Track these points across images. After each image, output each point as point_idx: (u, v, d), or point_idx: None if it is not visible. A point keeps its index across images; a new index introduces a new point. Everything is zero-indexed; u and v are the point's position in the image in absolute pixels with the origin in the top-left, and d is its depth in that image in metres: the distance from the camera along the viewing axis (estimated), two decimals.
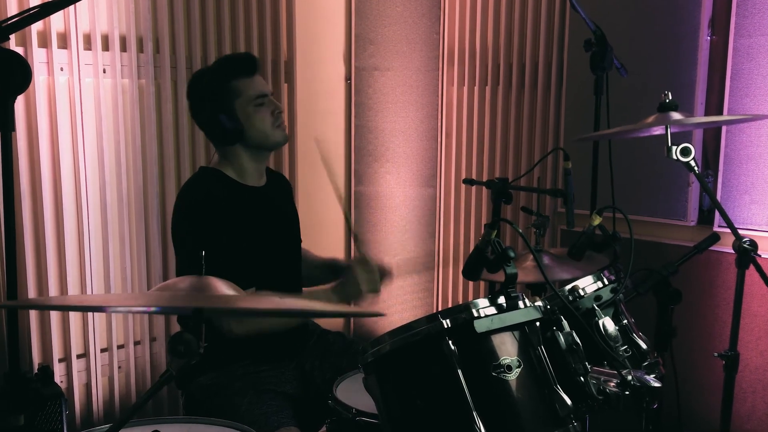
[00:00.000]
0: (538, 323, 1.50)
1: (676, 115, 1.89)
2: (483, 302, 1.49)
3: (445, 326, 1.46)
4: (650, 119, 1.93)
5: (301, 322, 2.30)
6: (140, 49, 2.96)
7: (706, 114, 2.86)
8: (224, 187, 2.19)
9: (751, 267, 1.87)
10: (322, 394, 2.04)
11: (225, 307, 1.32)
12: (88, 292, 2.85)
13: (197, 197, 2.15)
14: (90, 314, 2.86)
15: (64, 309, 2.55)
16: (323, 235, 3.67)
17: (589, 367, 1.49)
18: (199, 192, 2.17)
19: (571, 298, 1.72)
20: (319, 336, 2.38)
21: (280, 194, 2.39)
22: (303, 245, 2.45)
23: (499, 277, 1.55)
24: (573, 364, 1.48)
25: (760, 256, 1.89)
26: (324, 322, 2.48)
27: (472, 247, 2.40)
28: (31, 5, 2.55)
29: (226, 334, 2.05)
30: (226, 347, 2.09)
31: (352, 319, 3.71)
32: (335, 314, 1.61)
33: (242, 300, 1.30)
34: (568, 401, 1.44)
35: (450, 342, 1.44)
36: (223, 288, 1.33)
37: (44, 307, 2.11)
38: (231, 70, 2.21)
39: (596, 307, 1.71)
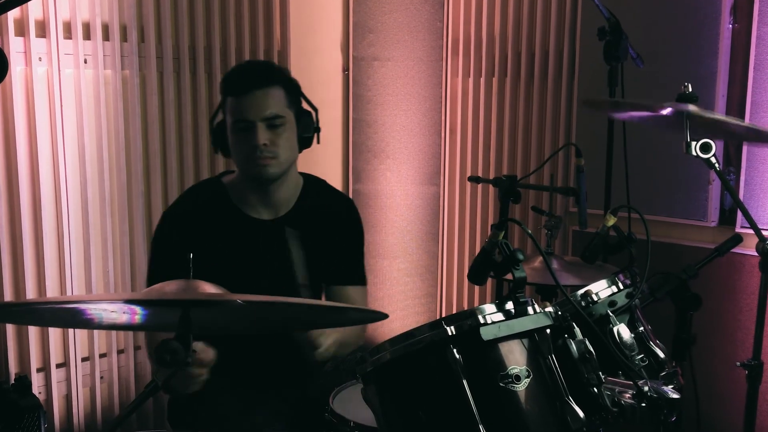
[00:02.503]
0: (548, 330, 1.50)
1: (695, 108, 1.89)
2: (490, 308, 1.49)
3: (450, 333, 1.45)
4: (667, 110, 1.92)
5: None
6: (124, 38, 2.96)
7: (728, 107, 2.86)
8: (216, 209, 2.12)
9: None
10: (318, 405, 2.04)
11: (217, 299, 1.30)
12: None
13: (176, 209, 2.16)
14: None
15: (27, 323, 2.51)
16: None
17: (602, 377, 1.49)
18: (184, 204, 2.17)
19: (583, 303, 1.72)
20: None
21: (304, 231, 2.07)
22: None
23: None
24: (586, 374, 1.48)
25: None
26: None
27: (478, 250, 2.40)
28: None
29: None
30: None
31: None
32: (338, 310, 1.58)
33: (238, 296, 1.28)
34: (581, 414, 1.44)
35: (455, 350, 1.44)
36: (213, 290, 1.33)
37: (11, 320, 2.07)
38: (225, 84, 2.09)
39: (610, 314, 1.71)
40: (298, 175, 2.24)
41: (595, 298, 1.73)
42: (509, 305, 1.50)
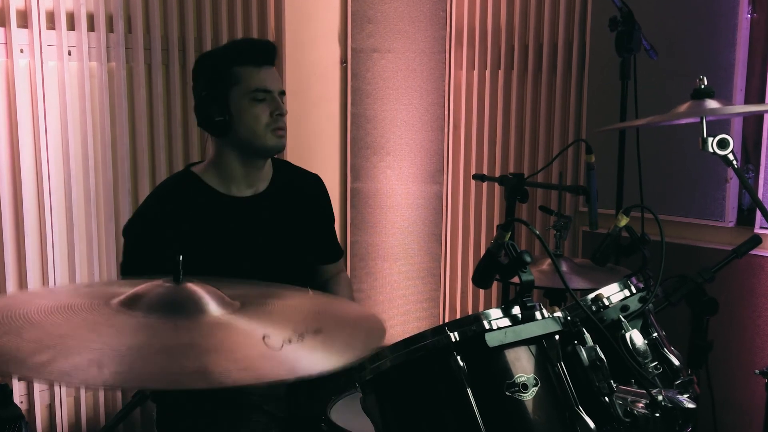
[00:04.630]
0: (557, 337, 1.50)
1: (712, 103, 1.89)
2: (495, 313, 1.49)
3: (453, 340, 1.45)
4: (683, 108, 1.93)
5: None
6: (110, 28, 2.96)
7: (746, 101, 2.86)
8: (192, 195, 2.19)
9: None
10: (315, 415, 2.04)
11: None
12: None
13: (151, 203, 2.20)
14: None
15: None
16: None
17: (614, 385, 1.49)
18: (157, 197, 2.21)
19: (594, 308, 1.72)
20: None
21: (283, 204, 2.29)
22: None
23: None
24: (596, 382, 1.48)
25: None
26: None
27: (482, 252, 2.40)
28: None
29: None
30: None
31: None
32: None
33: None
34: (591, 424, 1.44)
35: (458, 357, 1.44)
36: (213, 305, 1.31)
37: None
38: (237, 55, 2.19)
39: (623, 319, 1.71)
40: None
41: (607, 303, 1.73)
42: (516, 310, 1.50)
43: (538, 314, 1.50)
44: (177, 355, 1.16)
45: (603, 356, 1.49)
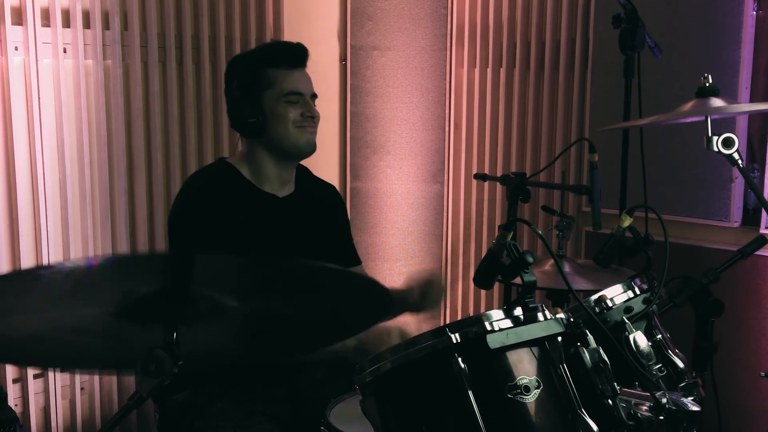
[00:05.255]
0: (560, 338, 1.50)
1: (717, 102, 1.89)
2: (497, 314, 1.49)
3: (454, 341, 1.45)
4: (687, 106, 1.93)
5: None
6: (106, 25, 2.96)
7: (752, 100, 2.86)
8: (233, 186, 2.22)
9: None
10: (314, 418, 2.04)
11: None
12: None
13: (197, 192, 2.21)
14: None
15: None
16: None
17: (618, 388, 1.49)
18: (200, 186, 2.23)
19: (597, 309, 1.72)
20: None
21: (310, 210, 2.35)
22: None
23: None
24: (600, 384, 1.48)
25: None
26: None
27: (484, 252, 2.40)
28: None
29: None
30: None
31: None
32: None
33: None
34: (594, 427, 1.44)
35: (459, 359, 1.44)
36: None
37: None
38: (270, 57, 2.26)
39: (626, 320, 1.71)
40: None
41: (610, 304, 1.73)
42: (518, 311, 1.50)
43: (540, 315, 1.50)
44: None
45: (606, 358, 1.49)
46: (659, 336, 1.76)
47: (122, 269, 1.26)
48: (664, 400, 1.48)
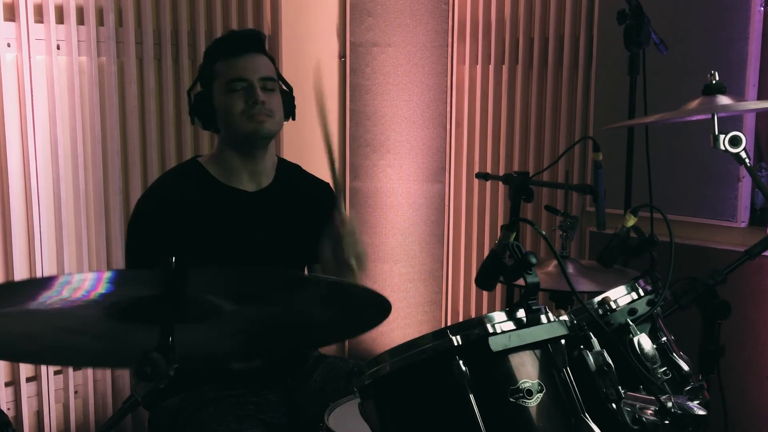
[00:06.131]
0: (563, 341, 1.50)
1: (724, 99, 1.89)
2: (499, 316, 1.49)
3: (456, 344, 1.45)
4: (693, 104, 1.93)
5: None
6: (100, 21, 2.96)
7: (759, 97, 2.86)
8: (196, 183, 2.22)
9: None
10: (312, 422, 2.04)
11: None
12: None
13: (154, 192, 2.25)
14: None
15: None
16: None
17: (622, 392, 1.49)
18: (159, 186, 2.27)
19: (601, 311, 1.72)
20: (316, 360, 2.38)
21: (288, 204, 2.31)
22: None
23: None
24: (603, 388, 1.48)
25: None
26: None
27: (486, 253, 2.40)
28: None
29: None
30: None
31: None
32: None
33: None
34: None
35: (461, 362, 1.44)
36: None
37: None
38: (215, 50, 2.25)
39: (630, 323, 1.71)
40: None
41: (614, 306, 1.73)
42: (520, 313, 1.50)
43: (543, 318, 1.50)
44: None
45: (610, 361, 1.49)
46: (664, 339, 1.76)
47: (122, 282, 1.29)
48: (670, 404, 1.48)
